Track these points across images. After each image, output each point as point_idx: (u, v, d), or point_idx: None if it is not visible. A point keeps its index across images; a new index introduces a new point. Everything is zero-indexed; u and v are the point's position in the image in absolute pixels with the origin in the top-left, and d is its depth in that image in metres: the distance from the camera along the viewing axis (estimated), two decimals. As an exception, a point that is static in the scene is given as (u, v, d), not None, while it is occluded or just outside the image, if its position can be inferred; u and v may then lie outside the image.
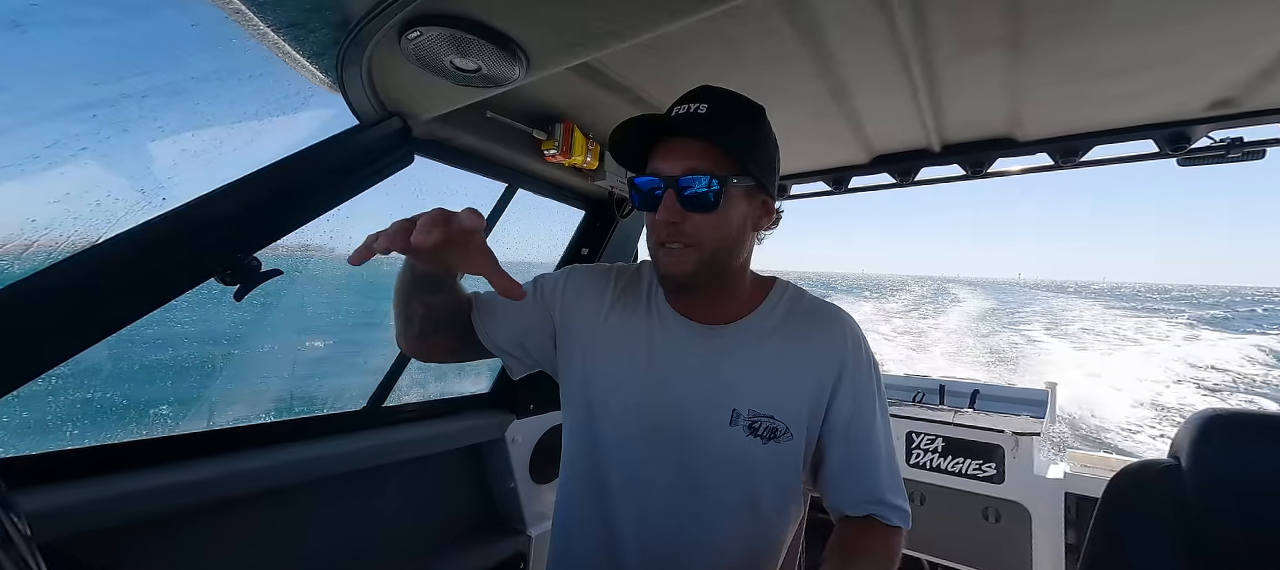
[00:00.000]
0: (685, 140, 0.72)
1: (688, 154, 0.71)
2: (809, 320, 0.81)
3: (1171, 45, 0.94)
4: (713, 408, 0.76)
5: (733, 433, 0.75)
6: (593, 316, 0.85)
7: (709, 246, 0.72)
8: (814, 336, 0.79)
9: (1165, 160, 1.35)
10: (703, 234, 0.72)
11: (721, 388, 0.77)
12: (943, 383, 2.72)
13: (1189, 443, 0.81)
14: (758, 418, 0.75)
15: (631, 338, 0.82)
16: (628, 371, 0.80)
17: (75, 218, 0.83)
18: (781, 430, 0.76)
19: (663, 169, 0.72)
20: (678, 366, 0.78)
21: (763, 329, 0.80)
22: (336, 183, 0.99)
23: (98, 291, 0.77)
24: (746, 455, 0.75)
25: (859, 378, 0.79)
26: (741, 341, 0.79)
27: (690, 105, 0.71)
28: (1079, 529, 2.04)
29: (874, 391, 0.80)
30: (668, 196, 0.71)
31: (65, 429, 2.63)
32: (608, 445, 0.81)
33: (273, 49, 0.87)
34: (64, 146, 0.90)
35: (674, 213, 0.70)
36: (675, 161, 0.71)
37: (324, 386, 8.59)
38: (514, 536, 1.64)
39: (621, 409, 0.80)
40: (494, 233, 1.51)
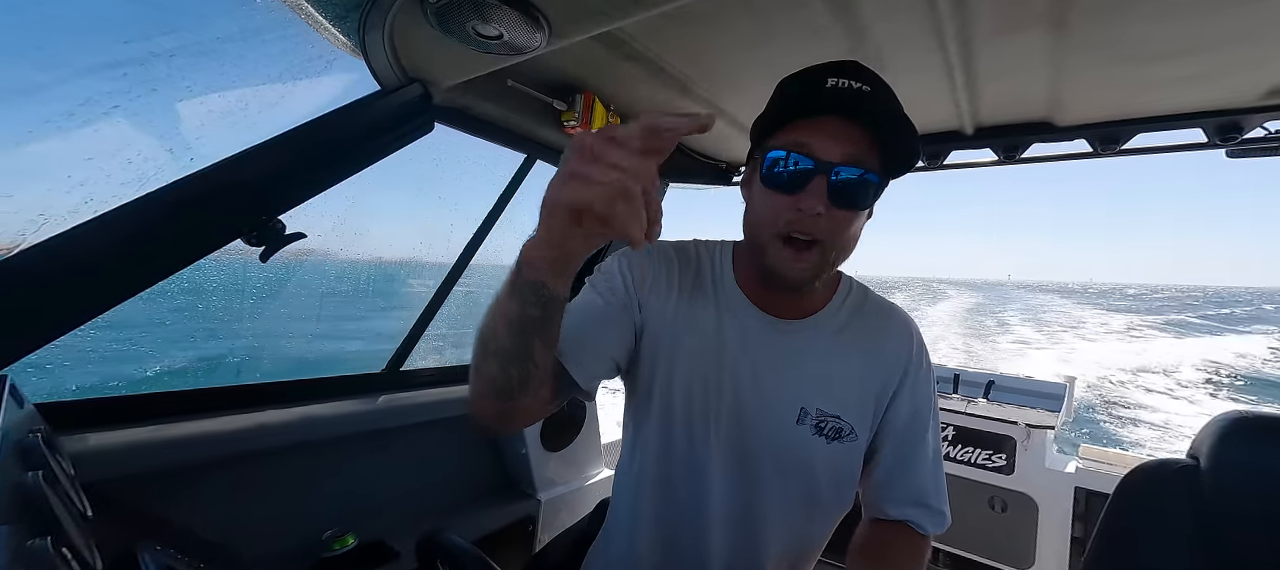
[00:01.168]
0: (849, 123, 0.62)
1: (851, 141, 0.62)
2: (876, 320, 0.79)
3: (1229, 28, 0.89)
4: (782, 405, 0.73)
5: (800, 431, 0.73)
6: (664, 303, 0.78)
7: (836, 248, 0.66)
8: (882, 337, 0.78)
9: (1212, 151, 1.28)
10: (838, 233, 0.65)
11: (792, 385, 0.74)
12: (958, 372, 2.69)
13: (1210, 443, 0.79)
14: (825, 417, 0.73)
15: (702, 327, 0.76)
16: (698, 362, 0.75)
17: (107, 175, 0.86)
18: (846, 430, 0.74)
19: (818, 149, 0.61)
20: (748, 359, 0.75)
21: (833, 326, 0.77)
22: (357, 148, 1.00)
23: (129, 250, 0.80)
24: (810, 453, 0.74)
25: (919, 380, 0.78)
26: (813, 339, 0.76)
27: (850, 83, 0.61)
28: (1087, 523, 2.03)
29: (930, 393, 0.79)
30: (817, 182, 0.62)
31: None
32: (673, 433, 0.76)
33: (295, 10, 0.87)
34: (96, 104, 0.92)
35: (819, 201, 0.62)
36: (834, 144, 0.61)
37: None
38: (524, 500, 1.69)
39: (688, 398, 0.75)
40: (511, 205, 1.52)
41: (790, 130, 0.64)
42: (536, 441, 1.73)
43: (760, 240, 0.68)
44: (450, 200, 10.25)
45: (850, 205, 0.63)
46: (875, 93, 0.62)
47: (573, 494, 1.81)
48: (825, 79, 0.62)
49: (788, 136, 0.64)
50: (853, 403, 0.74)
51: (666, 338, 0.76)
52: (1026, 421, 2.14)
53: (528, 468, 1.71)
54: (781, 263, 0.66)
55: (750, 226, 0.71)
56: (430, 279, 1.52)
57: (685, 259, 0.82)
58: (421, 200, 29.33)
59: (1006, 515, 2.16)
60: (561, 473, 1.81)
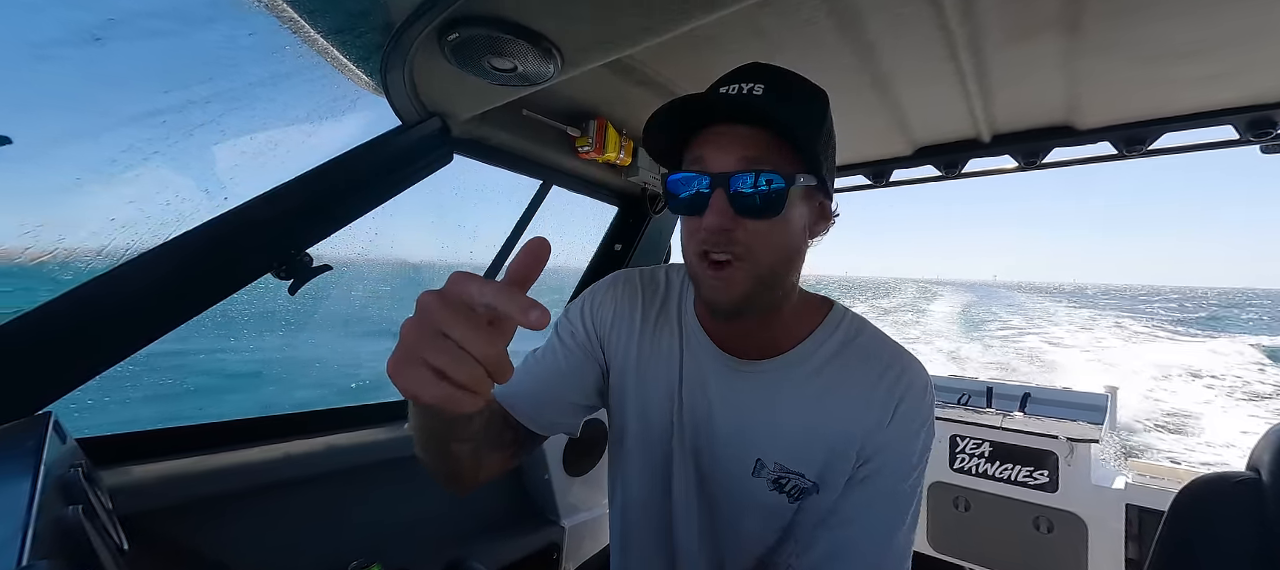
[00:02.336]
0: (739, 127, 0.58)
1: (743, 144, 0.57)
2: (864, 362, 0.66)
3: (1257, 21, 0.86)
4: (737, 455, 0.67)
5: (757, 484, 0.66)
6: (628, 340, 0.75)
7: (765, 262, 0.59)
8: (867, 386, 0.65)
9: (1245, 148, 1.24)
10: (759, 245, 0.58)
11: (746, 432, 0.66)
12: (990, 385, 2.59)
13: (1271, 455, 0.74)
14: (786, 474, 0.65)
15: (664, 361, 0.72)
16: (660, 399, 0.72)
17: (148, 216, 0.90)
18: (809, 489, 0.65)
19: (711, 162, 0.58)
20: (705, 400, 0.69)
21: (806, 370, 0.66)
22: (380, 181, 1.03)
23: (169, 285, 0.83)
24: (770, 510, 0.66)
25: (898, 432, 0.63)
26: (779, 383, 0.66)
27: (742, 85, 0.58)
28: (1141, 543, 1.91)
29: (908, 459, 0.64)
30: (717, 198, 0.56)
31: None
32: (644, 469, 0.74)
33: (321, 54, 0.91)
34: (137, 151, 0.97)
35: (725, 217, 0.56)
36: (727, 153, 0.57)
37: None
38: (548, 527, 1.67)
39: (652, 437, 0.72)
40: (529, 229, 1.54)
41: (691, 148, 0.61)
42: (559, 467, 1.72)
43: (690, 267, 0.63)
44: (470, 228, 10.38)
45: (762, 213, 0.57)
46: (769, 90, 0.57)
47: (597, 520, 1.79)
48: (717, 89, 0.59)
49: (688, 155, 0.61)
50: (818, 459, 0.64)
51: (631, 374, 0.74)
52: (1068, 435, 2.05)
53: (551, 494, 1.69)
54: (709, 291, 0.60)
55: (683, 255, 0.65)
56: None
57: (652, 289, 0.77)
58: (443, 226, 30.16)
59: (1053, 536, 2.05)
60: (585, 498, 1.79)
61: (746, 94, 0.57)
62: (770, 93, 0.57)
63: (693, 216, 0.59)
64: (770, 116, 0.57)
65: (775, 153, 0.57)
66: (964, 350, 19.25)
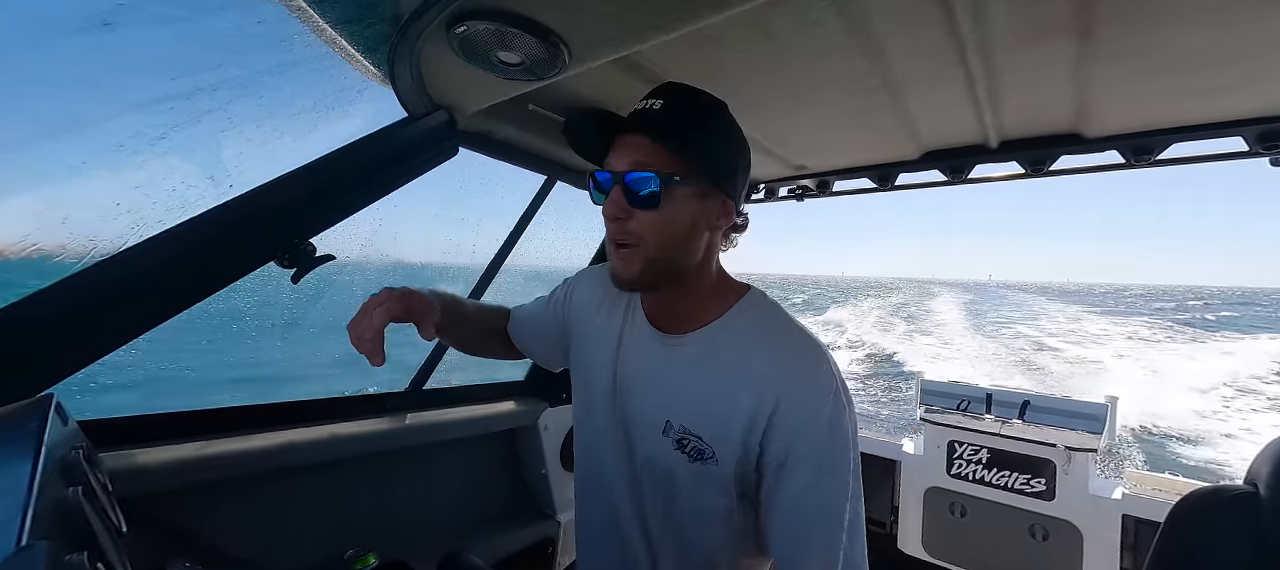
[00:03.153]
0: (635, 136, 0.71)
1: (635, 150, 0.70)
2: (763, 343, 0.73)
3: (1267, 33, 0.86)
4: (653, 416, 0.77)
5: (663, 443, 0.75)
6: (586, 318, 0.90)
7: (654, 246, 0.71)
8: (759, 362, 0.71)
9: (1255, 160, 1.23)
10: (646, 233, 0.71)
11: (663, 397, 0.76)
12: (990, 391, 2.59)
13: (1269, 469, 0.74)
14: (687, 435, 0.73)
15: (607, 339, 0.85)
16: (600, 372, 0.84)
17: (154, 202, 0.90)
18: (708, 453, 0.72)
19: (612, 163, 0.72)
20: (635, 371, 0.80)
21: (715, 342, 0.75)
22: (385, 173, 1.03)
23: (173, 271, 0.83)
24: (671, 467, 0.75)
25: (792, 422, 0.67)
26: (689, 353, 0.76)
27: (647, 102, 0.71)
28: (1137, 554, 1.91)
29: (814, 448, 0.67)
30: (615, 192, 0.71)
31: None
32: (586, 443, 0.87)
33: (330, 43, 0.91)
34: (145, 135, 0.98)
35: (620, 208, 0.70)
36: (623, 157, 0.71)
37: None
38: (544, 521, 1.68)
39: (589, 409, 0.85)
40: (533, 224, 1.54)
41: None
42: (556, 462, 1.72)
43: (608, 252, 0.76)
44: (474, 221, 10.32)
45: (646, 206, 0.69)
46: (665, 106, 0.69)
47: None
48: (639, 105, 0.72)
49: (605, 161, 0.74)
50: (712, 425, 0.71)
51: (584, 350, 0.89)
52: (1066, 444, 2.04)
53: (548, 488, 1.70)
54: (613, 268, 0.74)
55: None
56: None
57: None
58: (446, 218, 29.85)
59: (1048, 544, 2.05)
60: None
61: (646, 109, 0.70)
62: (666, 108, 0.69)
63: (606, 207, 0.73)
64: (657, 129, 0.68)
65: (659, 158, 0.69)
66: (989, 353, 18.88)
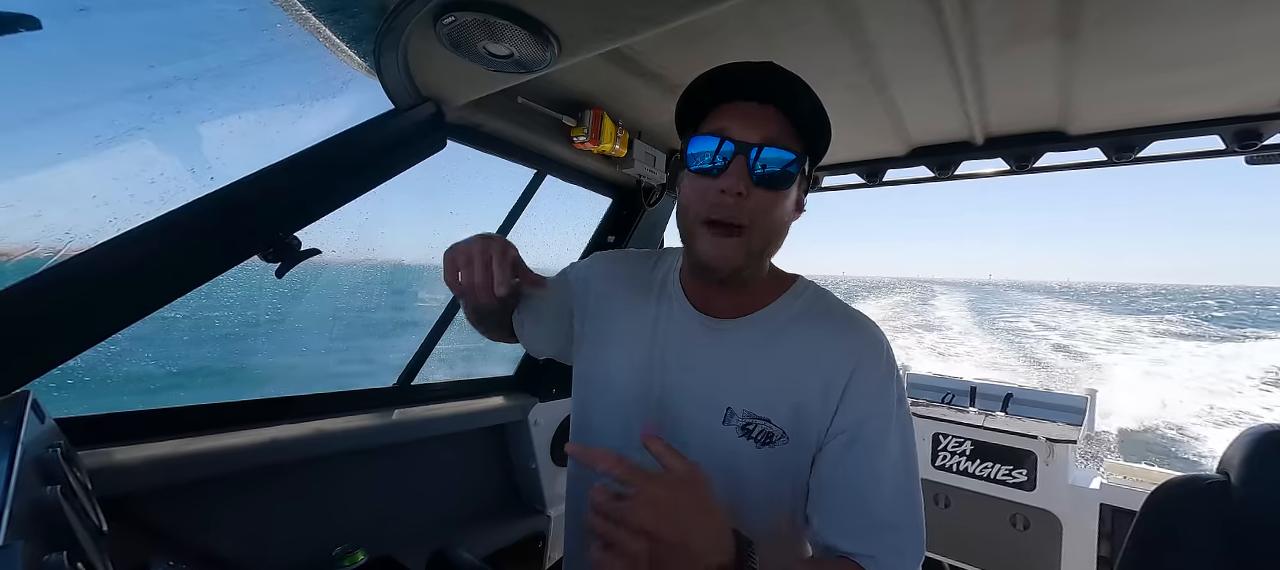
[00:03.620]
0: (765, 107, 0.65)
1: (767, 123, 0.64)
2: (825, 322, 0.72)
3: (1244, 34, 0.88)
4: (707, 403, 0.71)
5: (726, 432, 0.70)
6: (605, 300, 0.83)
7: (762, 232, 0.66)
8: (826, 339, 0.70)
9: (1231, 158, 1.26)
10: (761, 217, 0.65)
11: (719, 384, 0.71)
12: (974, 384, 2.64)
13: (1240, 459, 0.77)
14: (753, 420, 0.69)
15: (637, 322, 0.79)
16: (628, 356, 0.77)
17: (131, 194, 0.88)
18: (778, 435, 0.69)
19: (736, 132, 0.64)
20: (678, 356, 0.74)
21: (772, 326, 0.72)
22: (372, 166, 1.02)
23: (152, 265, 0.82)
24: (737, 457, 0.70)
25: (868, 389, 0.68)
26: (748, 337, 0.72)
27: (765, 73, 0.65)
28: (1114, 542, 1.96)
29: (888, 410, 0.68)
30: (737, 163, 0.63)
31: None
32: (603, 429, 0.79)
33: (314, 33, 0.89)
34: (121, 125, 0.95)
35: (741, 182, 0.63)
36: (752, 127, 0.64)
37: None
38: (534, 516, 1.68)
39: (617, 395, 0.78)
40: (522, 218, 1.53)
41: (711, 119, 0.67)
42: (546, 457, 1.72)
43: (689, 229, 0.68)
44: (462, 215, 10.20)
45: (772, 185, 0.64)
46: (787, 81, 0.65)
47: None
48: (741, 69, 0.66)
49: (710, 125, 0.66)
50: (784, 407, 0.69)
51: (603, 335, 0.81)
52: (1047, 436, 2.09)
53: (538, 483, 1.70)
54: (708, 255, 0.66)
55: (680, 217, 0.71)
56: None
57: (643, 263, 0.86)
58: (437, 212, 29.39)
59: (1029, 533, 2.09)
60: None
61: (768, 78, 0.64)
62: (789, 83, 0.65)
63: (706, 178, 0.65)
64: (789, 103, 0.64)
65: (789, 136, 0.65)
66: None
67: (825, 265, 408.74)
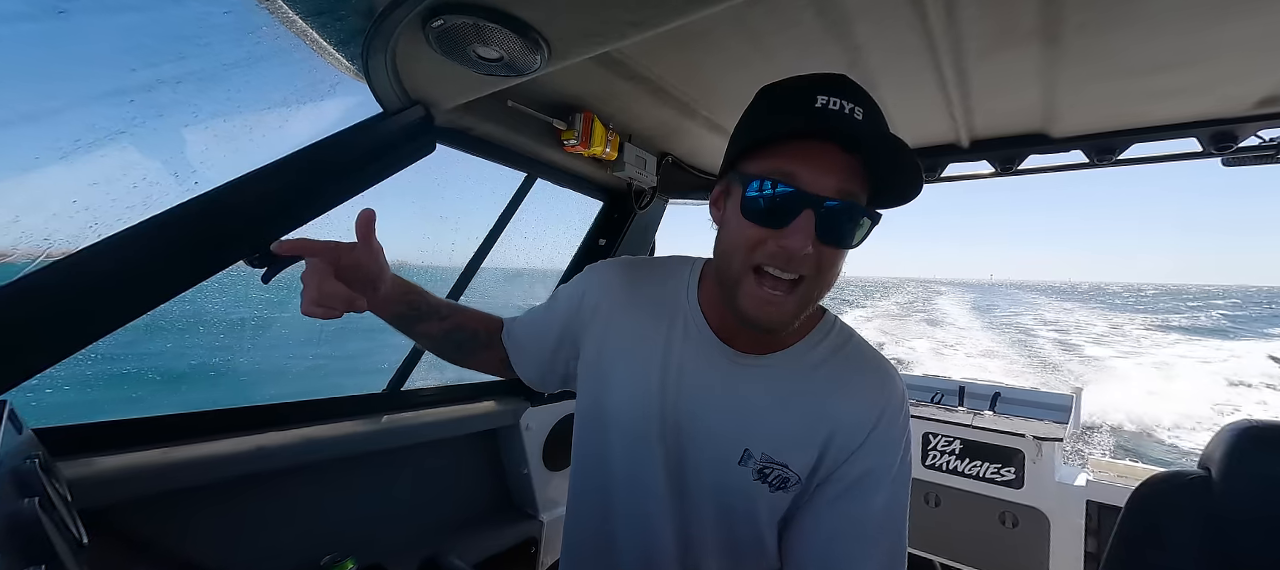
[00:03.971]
0: (840, 152, 0.55)
1: (844, 173, 0.55)
2: (850, 369, 0.69)
3: (1220, 39, 0.90)
4: (725, 442, 0.67)
5: (741, 473, 0.67)
6: (606, 318, 0.77)
7: (818, 288, 0.60)
8: (852, 390, 0.67)
9: (1208, 160, 1.29)
10: (824, 273, 0.58)
11: (739, 423, 0.67)
12: (963, 384, 2.67)
13: (1221, 454, 0.78)
14: (771, 465, 0.66)
15: (645, 345, 0.73)
16: (637, 381, 0.72)
17: (113, 199, 0.86)
18: (792, 481, 0.66)
19: (805, 180, 0.55)
20: (696, 388, 0.69)
21: (798, 368, 0.68)
22: (360, 169, 1.01)
23: (134, 272, 0.80)
24: (750, 499, 0.67)
25: (883, 443, 0.65)
26: (772, 376, 0.68)
27: (842, 102, 0.55)
28: (1100, 538, 1.99)
29: (892, 462, 0.65)
30: (805, 219, 0.55)
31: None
32: (613, 454, 0.74)
33: (300, 36, 0.89)
34: (102, 129, 0.93)
35: (808, 239, 0.55)
36: (827, 177, 0.55)
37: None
38: (527, 521, 1.67)
39: (630, 419, 0.73)
40: (513, 221, 1.53)
41: (775, 154, 0.57)
42: (539, 461, 1.71)
43: (732, 271, 0.61)
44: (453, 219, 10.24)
45: (838, 242, 0.57)
46: (868, 115, 0.56)
47: None
48: (814, 97, 0.56)
49: (772, 163, 0.57)
50: (803, 455, 0.66)
51: (611, 353, 0.75)
52: (1034, 434, 2.12)
53: (530, 488, 1.69)
54: (755, 303, 0.59)
55: (723, 255, 0.63)
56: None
57: (653, 275, 0.79)
58: (426, 216, 28.76)
59: (1017, 530, 2.12)
60: (564, 493, 1.78)
61: (849, 113, 0.55)
62: (869, 116, 0.56)
63: (763, 227, 0.57)
64: (873, 147, 0.55)
65: (862, 184, 0.57)
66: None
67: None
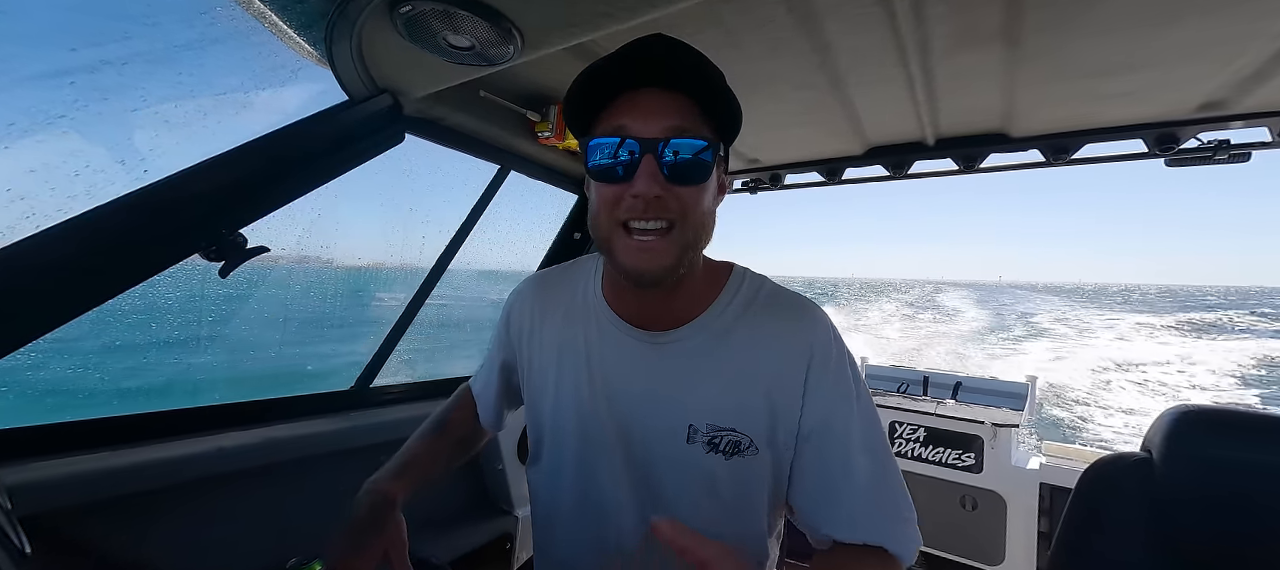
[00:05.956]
0: (664, 94, 0.58)
1: (672, 111, 0.57)
2: (770, 315, 0.68)
3: (1164, 46, 0.95)
4: (667, 425, 0.67)
5: (693, 450, 0.66)
6: (539, 337, 0.76)
7: (692, 229, 0.60)
8: (776, 334, 0.67)
9: (1153, 160, 1.37)
10: (688, 212, 0.59)
11: (674, 404, 0.66)
12: (927, 374, 2.76)
13: (1161, 437, 0.83)
14: (717, 432, 0.65)
15: (570, 352, 0.72)
16: (571, 392, 0.71)
17: (52, 188, 0.81)
18: (745, 444, 0.65)
19: (635, 128, 0.57)
20: (623, 383, 0.68)
21: (717, 329, 0.67)
22: (325, 159, 0.97)
23: (76, 265, 0.75)
24: (709, 473, 0.66)
25: (827, 379, 0.65)
26: (693, 347, 0.67)
27: (659, 52, 0.58)
28: (1052, 518, 2.10)
29: (850, 394, 0.66)
30: (646, 163, 0.56)
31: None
32: (565, 471, 0.73)
33: (258, 18, 0.84)
34: (40, 113, 0.87)
35: (656, 183, 0.56)
36: (655, 119, 0.57)
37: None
38: (501, 517, 1.65)
39: (569, 435, 0.72)
40: (485, 215, 1.50)
41: (609, 114, 0.59)
42: (513, 456, 1.70)
43: (603, 235, 0.61)
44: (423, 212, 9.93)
45: (689, 180, 0.58)
46: (688, 57, 0.58)
47: None
48: (634, 52, 0.58)
49: (606, 123, 0.59)
50: (747, 413, 0.65)
51: (545, 369, 0.75)
52: (993, 421, 2.22)
53: (505, 483, 1.67)
54: (634, 261, 0.59)
55: (593, 226, 0.63)
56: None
57: (563, 282, 0.78)
58: (393, 209, 27.90)
59: (977, 513, 2.22)
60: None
61: (667, 60, 0.57)
62: (693, 59, 0.58)
63: (614, 184, 0.58)
64: (691, 84, 0.58)
65: (697, 121, 0.59)
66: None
67: (832, 267, 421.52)
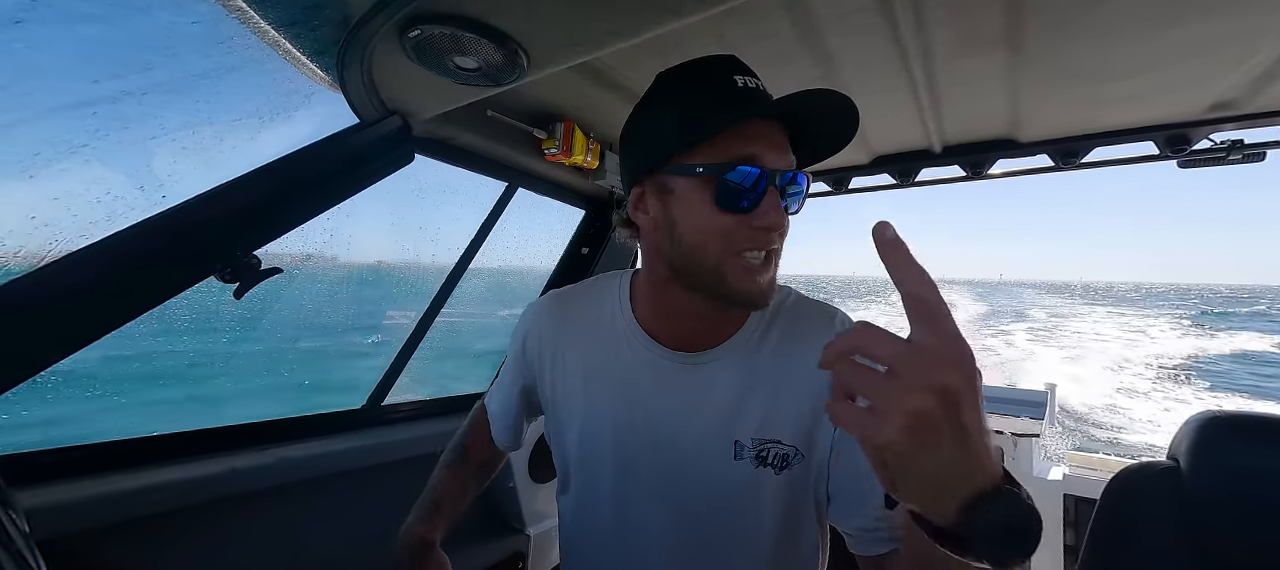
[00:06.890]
0: (780, 128, 0.62)
1: (786, 144, 0.62)
2: (799, 323, 0.70)
3: (1173, 47, 0.94)
4: (712, 445, 0.67)
5: (742, 466, 0.66)
6: (553, 359, 0.77)
7: (781, 254, 0.64)
8: (807, 340, 0.68)
9: (1165, 162, 1.35)
10: (782, 241, 0.63)
11: (718, 421, 0.67)
12: None
13: (1187, 445, 0.81)
14: (765, 445, 0.65)
15: (599, 377, 0.73)
16: (606, 417, 0.72)
17: (74, 214, 0.83)
18: (792, 454, 0.65)
19: (770, 160, 0.59)
20: (663, 405, 0.69)
21: (751, 343, 0.69)
22: (336, 181, 0.99)
23: (97, 289, 0.77)
24: (760, 488, 0.66)
25: None
26: (731, 364, 0.68)
27: (758, 82, 0.62)
28: (1078, 530, 2.04)
29: None
30: (773, 195, 0.59)
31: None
32: (597, 494, 0.73)
33: (273, 46, 0.87)
34: (64, 143, 0.90)
35: (783, 213, 0.60)
36: (778, 152, 0.60)
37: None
38: (513, 535, 1.64)
39: (603, 458, 0.72)
40: (494, 232, 1.51)
41: (731, 142, 0.59)
42: (525, 474, 1.69)
43: (708, 263, 0.61)
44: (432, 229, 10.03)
45: (793, 210, 0.63)
46: (772, 89, 0.63)
47: None
48: (731, 79, 0.61)
49: (733, 150, 0.59)
50: (789, 422, 0.66)
51: (570, 395, 0.75)
52: (1012, 430, 2.17)
53: (516, 501, 1.66)
54: (749, 284, 0.60)
55: (692, 250, 0.61)
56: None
57: (584, 302, 0.78)
58: (403, 227, 28.20)
59: None
60: (551, 505, 1.76)
61: (763, 89, 0.62)
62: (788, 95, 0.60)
63: (735, 213, 0.59)
64: (788, 115, 0.61)
65: (790, 150, 0.63)
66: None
67: (834, 265, 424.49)
